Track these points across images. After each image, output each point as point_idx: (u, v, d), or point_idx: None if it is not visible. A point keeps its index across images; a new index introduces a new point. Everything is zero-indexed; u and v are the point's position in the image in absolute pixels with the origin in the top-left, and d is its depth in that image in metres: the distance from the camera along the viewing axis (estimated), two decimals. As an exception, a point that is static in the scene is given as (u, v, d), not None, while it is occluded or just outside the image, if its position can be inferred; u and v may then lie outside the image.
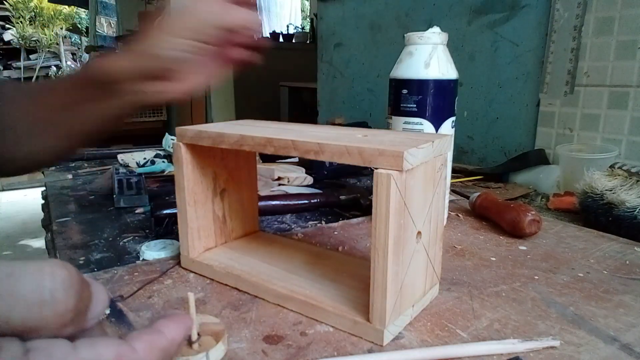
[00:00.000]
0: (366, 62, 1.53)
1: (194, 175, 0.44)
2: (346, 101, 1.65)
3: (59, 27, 7.55)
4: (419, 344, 0.34)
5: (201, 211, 0.45)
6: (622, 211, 0.58)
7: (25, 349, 0.19)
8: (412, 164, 0.32)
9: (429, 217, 0.37)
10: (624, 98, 0.83)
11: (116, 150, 1.08)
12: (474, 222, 0.62)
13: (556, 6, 0.92)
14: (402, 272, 0.34)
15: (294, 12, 6.16)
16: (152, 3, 4.29)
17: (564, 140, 0.93)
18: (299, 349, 0.33)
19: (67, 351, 0.20)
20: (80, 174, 0.93)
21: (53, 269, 0.20)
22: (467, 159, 1.16)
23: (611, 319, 0.37)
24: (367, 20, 1.49)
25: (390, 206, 0.31)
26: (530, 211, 0.55)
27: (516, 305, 0.40)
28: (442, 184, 0.38)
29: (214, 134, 0.40)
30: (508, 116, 1.07)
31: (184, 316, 0.27)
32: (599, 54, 0.85)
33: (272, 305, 0.39)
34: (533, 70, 1.00)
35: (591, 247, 0.53)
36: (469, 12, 1.14)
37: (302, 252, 0.47)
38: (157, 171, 0.91)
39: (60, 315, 0.20)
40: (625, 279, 0.45)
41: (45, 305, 0.20)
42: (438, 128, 0.56)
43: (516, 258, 0.50)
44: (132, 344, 0.22)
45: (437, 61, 0.54)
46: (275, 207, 0.66)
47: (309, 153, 0.35)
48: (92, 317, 0.23)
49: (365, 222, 0.62)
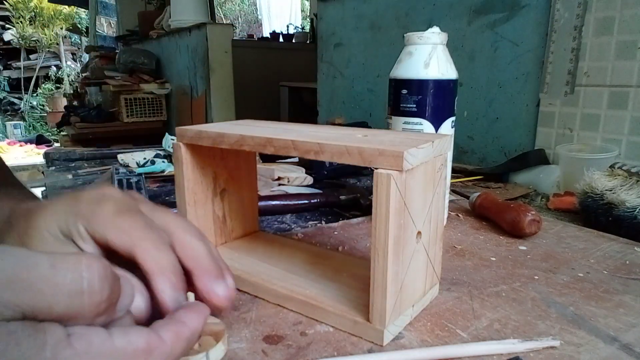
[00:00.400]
0: (366, 62, 1.53)
1: (193, 175, 0.44)
2: (346, 101, 1.65)
3: (59, 27, 7.55)
4: (419, 344, 0.34)
5: (201, 211, 0.45)
6: (622, 211, 0.58)
7: (67, 334, 0.21)
8: (412, 164, 0.32)
9: (429, 217, 0.37)
10: (624, 98, 0.83)
11: (116, 150, 1.08)
12: (474, 222, 0.62)
13: (556, 6, 0.92)
14: (402, 272, 0.34)
15: (294, 12, 6.16)
16: (152, 3, 4.29)
17: (564, 140, 0.93)
18: (299, 349, 0.33)
19: (105, 338, 0.22)
20: (80, 174, 0.93)
21: (90, 261, 0.22)
22: (467, 159, 1.16)
23: (611, 319, 0.37)
24: (367, 20, 1.49)
25: (390, 206, 0.31)
26: (530, 211, 0.55)
27: (516, 305, 0.40)
28: (442, 184, 0.38)
29: (214, 134, 0.40)
30: (508, 116, 1.07)
31: (202, 306, 0.28)
32: (599, 54, 0.85)
33: (272, 305, 0.39)
34: (533, 70, 1.00)
35: (591, 247, 0.53)
36: (469, 12, 1.14)
37: (302, 252, 0.47)
38: (157, 171, 0.91)
39: (96, 304, 0.22)
40: (625, 279, 0.45)
41: (83, 295, 0.21)
42: (438, 128, 0.56)
43: (516, 258, 0.50)
44: (160, 334, 0.24)
45: (437, 61, 0.54)
46: (275, 207, 0.66)
47: (309, 153, 0.35)
48: (121, 309, 0.24)
49: (365, 222, 0.62)
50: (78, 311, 0.21)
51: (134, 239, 0.29)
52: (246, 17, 8.50)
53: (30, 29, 7.22)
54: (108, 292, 0.22)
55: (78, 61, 8.17)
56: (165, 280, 0.28)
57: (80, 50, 8.04)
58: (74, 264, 0.21)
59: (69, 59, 8.18)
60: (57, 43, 7.64)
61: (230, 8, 8.51)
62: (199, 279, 0.31)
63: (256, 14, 7.75)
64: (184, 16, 3.04)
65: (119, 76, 3.58)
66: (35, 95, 7.73)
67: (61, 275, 0.21)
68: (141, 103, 3.47)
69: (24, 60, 7.77)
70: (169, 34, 3.39)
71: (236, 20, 8.31)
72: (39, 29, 7.22)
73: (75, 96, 5.09)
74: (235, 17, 8.49)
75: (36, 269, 0.20)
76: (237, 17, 8.50)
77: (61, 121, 4.07)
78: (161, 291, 0.28)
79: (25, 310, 0.20)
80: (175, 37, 3.30)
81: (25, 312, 0.20)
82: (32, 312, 0.20)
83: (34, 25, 7.21)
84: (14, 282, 0.20)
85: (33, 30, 7.26)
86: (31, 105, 7.66)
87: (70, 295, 0.21)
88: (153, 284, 0.28)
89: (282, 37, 4.06)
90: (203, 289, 0.30)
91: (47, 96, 7.51)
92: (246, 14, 8.52)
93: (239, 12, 8.59)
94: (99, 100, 4.13)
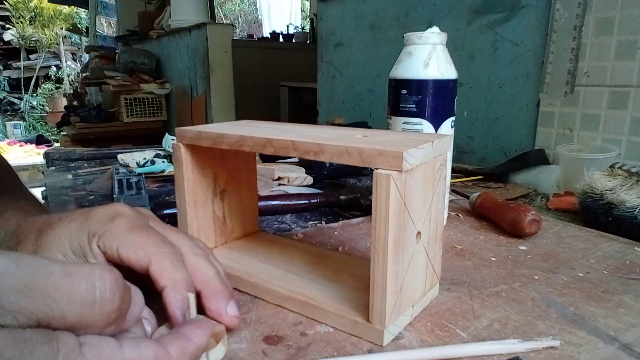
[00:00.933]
0: (366, 62, 1.53)
1: (193, 175, 0.44)
2: (346, 101, 1.65)
3: (59, 27, 7.56)
4: (419, 344, 0.34)
5: (201, 211, 0.45)
6: (622, 211, 0.58)
7: (79, 343, 0.21)
8: (411, 164, 0.32)
9: (429, 217, 0.37)
10: (624, 98, 0.83)
11: (116, 150, 1.08)
12: (474, 222, 0.62)
13: (556, 6, 0.92)
14: (402, 272, 0.34)
15: (294, 12, 6.16)
16: (152, 3, 4.29)
17: (564, 140, 0.93)
18: (299, 349, 0.33)
19: (115, 348, 0.22)
20: (80, 174, 0.93)
21: (102, 272, 0.22)
22: (467, 159, 1.16)
23: (611, 319, 0.37)
24: (367, 20, 1.49)
25: (390, 206, 0.31)
26: (530, 211, 0.55)
27: (516, 305, 0.40)
28: (442, 184, 0.38)
29: (213, 134, 0.40)
30: (508, 116, 1.07)
31: (207, 322, 0.29)
32: (599, 54, 0.85)
33: (272, 306, 0.39)
34: (533, 70, 1.00)
35: (591, 247, 0.53)
36: (469, 12, 1.14)
37: (302, 252, 0.47)
38: (157, 171, 0.91)
39: (107, 314, 0.22)
40: (625, 279, 0.45)
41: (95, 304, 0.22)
42: (437, 128, 0.56)
43: (516, 258, 0.50)
44: (167, 348, 0.24)
45: (436, 61, 0.54)
46: (275, 207, 0.66)
47: (308, 153, 0.35)
48: (130, 319, 0.25)
49: (365, 222, 0.62)
50: (89, 320, 0.22)
51: (150, 254, 0.30)
52: (246, 17, 8.50)
53: (30, 29, 7.22)
54: (119, 302, 0.23)
55: (78, 61, 8.17)
56: (177, 295, 0.30)
57: (80, 50, 8.04)
58: (87, 274, 0.22)
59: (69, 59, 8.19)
60: (57, 43, 7.64)
61: (230, 8, 8.51)
62: (209, 300, 0.32)
63: (256, 14, 7.76)
64: (184, 16, 3.04)
65: (119, 76, 3.58)
66: (35, 95, 7.73)
67: (75, 285, 0.21)
68: (141, 103, 3.47)
69: (24, 60, 7.78)
70: (169, 34, 3.39)
71: (236, 20, 8.31)
72: (39, 29, 7.22)
73: (75, 96, 5.09)
74: (235, 17, 8.49)
75: (51, 277, 0.21)
76: (237, 17, 8.50)
77: (61, 121, 4.07)
78: (173, 306, 0.29)
79: (40, 318, 0.20)
80: (175, 37, 3.30)
81: (39, 320, 0.20)
82: (47, 319, 0.20)
83: (34, 25, 7.21)
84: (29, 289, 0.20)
85: (33, 30, 7.27)
86: (31, 105, 7.66)
87: (83, 305, 0.21)
88: (166, 297, 0.30)
89: (282, 37, 4.06)
90: (214, 310, 0.32)
91: (47, 96, 7.51)
92: (246, 14, 8.52)
93: (239, 12, 8.60)
94: (99, 100, 4.13)
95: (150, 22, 3.67)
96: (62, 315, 0.21)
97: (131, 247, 0.30)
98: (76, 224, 0.32)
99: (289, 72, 3.48)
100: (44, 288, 0.20)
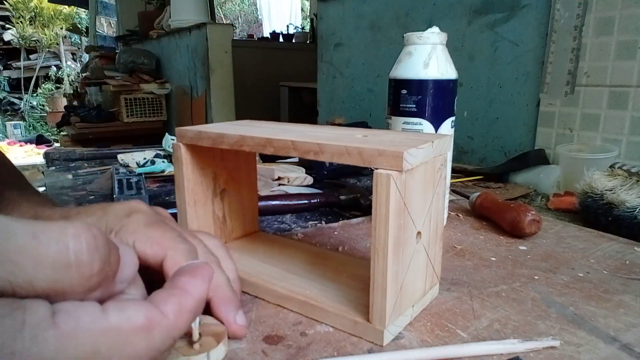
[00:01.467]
0: (366, 62, 1.53)
1: (193, 175, 0.44)
2: (346, 101, 1.65)
3: (59, 27, 7.55)
4: (419, 344, 0.34)
5: (201, 211, 0.45)
6: (622, 211, 0.58)
7: (52, 312, 0.19)
8: (411, 164, 0.32)
9: (429, 217, 0.37)
10: (624, 98, 0.83)
11: (116, 150, 1.08)
12: (474, 222, 0.62)
13: (556, 6, 0.92)
14: (402, 272, 0.34)
15: (294, 12, 6.16)
16: (152, 3, 4.29)
17: (564, 140, 0.93)
18: (299, 349, 0.33)
19: (96, 314, 0.20)
20: (80, 174, 0.93)
21: (78, 230, 0.19)
22: (467, 159, 1.16)
23: (611, 319, 0.37)
24: (367, 20, 1.49)
25: (390, 206, 0.31)
26: (530, 211, 0.55)
27: (516, 305, 0.40)
28: (442, 184, 0.38)
29: (213, 134, 0.40)
30: (508, 116, 1.07)
31: (204, 267, 0.26)
32: (599, 54, 0.85)
33: (272, 306, 0.39)
34: (533, 70, 1.00)
35: (591, 247, 0.53)
36: (469, 12, 1.14)
37: (302, 252, 0.47)
38: (157, 171, 0.91)
39: (86, 278, 0.19)
40: (625, 279, 0.45)
41: (70, 268, 0.19)
42: (437, 128, 0.56)
43: (516, 258, 0.50)
44: (161, 308, 0.22)
45: (436, 61, 0.54)
46: (275, 207, 0.66)
47: (308, 153, 0.35)
48: (121, 281, 0.22)
49: (365, 222, 0.62)
50: (67, 286, 0.19)
51: (165, 249, 0.30)
52: (246, 17, 8.50)
53: (30, 29, 7.22)
54: (100, 264, 0.20)
55: (78, 61, 8.17)
56: None
57: (80, 50, 8.04)
58: (59, 234, 0.19)
59: (69, 59, 8.18)
60: (57, 43, 7.64)
61: (230, 8, 8.51)
62: (218, 308, 0.32)
63: (256, 14, 7.76)
64: (184, 16, 3.04)
65: (119, 76, 3.58)
66: (35, 95, 7.73)
67: (43, 247, 0.18)
68: (141, 103, 3.48)
69: (24, 60, 7.77)
70: (169, 34, 3.39)
71: (236, 20, 8.31)
72: (39, 29, 7.22)
73: (75, 96, 5.09)
74: (235, 17, 8.49)
75: (14, 240, 0.18)
76: (237, 17, 8.50)
77: (61, 121, 4.07)
78: None
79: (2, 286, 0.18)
80: (175, 37, 3.30)
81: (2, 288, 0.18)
82: (10, 287, 0.18)
83: (34, 25, 7.21)
84: None
85: (33, 30, 7.26)
86: (31, 105, 7.66)
87: (55, 269, 0.19)
88: None
89: (282, 37, 4.05)
90: (223, 317, 0.32)
91: (47, 96, 7.52)
92: (246, 14, 8.52)
93: (239, 12, 8.60)
94: (99, 100, 4.13)
95: (150, 22, 3.68)
96: (28, 281, 0.18)
97: (147, 241, 0.30)
98: (94, 219, 0.31)
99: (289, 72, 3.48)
100: (4, 252, 0.18)
